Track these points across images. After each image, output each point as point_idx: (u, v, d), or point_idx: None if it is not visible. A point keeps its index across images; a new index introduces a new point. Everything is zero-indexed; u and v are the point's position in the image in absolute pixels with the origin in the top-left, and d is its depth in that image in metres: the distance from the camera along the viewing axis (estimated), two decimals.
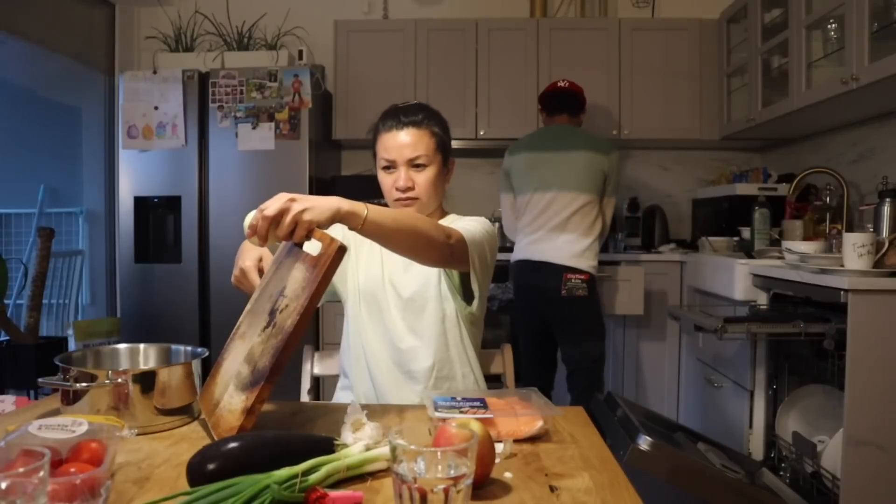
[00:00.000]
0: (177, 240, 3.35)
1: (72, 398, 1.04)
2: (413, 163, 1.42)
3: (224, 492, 0.75)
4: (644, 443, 1.56)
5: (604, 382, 2.86)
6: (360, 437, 0.92)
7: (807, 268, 2.05)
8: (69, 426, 0.81)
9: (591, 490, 0.84)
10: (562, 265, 2.66)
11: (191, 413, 1.12)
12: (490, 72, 3.53)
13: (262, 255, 1.24)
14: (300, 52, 3.50)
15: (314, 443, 0.91)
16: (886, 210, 2.21)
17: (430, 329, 1.42)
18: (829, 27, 2.53)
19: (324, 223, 1.03)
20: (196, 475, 0.81)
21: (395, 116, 1.44)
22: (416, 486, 0.70)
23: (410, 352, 1.42)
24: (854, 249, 1.88)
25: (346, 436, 0.93)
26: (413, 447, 0.72)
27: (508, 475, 0.88)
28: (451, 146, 1.52)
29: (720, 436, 2.30)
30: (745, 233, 2.95)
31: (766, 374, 2.33)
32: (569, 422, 1.13)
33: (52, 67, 3.77)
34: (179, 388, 1.09)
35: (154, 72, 3.29)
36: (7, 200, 4.18)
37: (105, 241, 3.80)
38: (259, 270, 1.22)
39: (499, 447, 0.94)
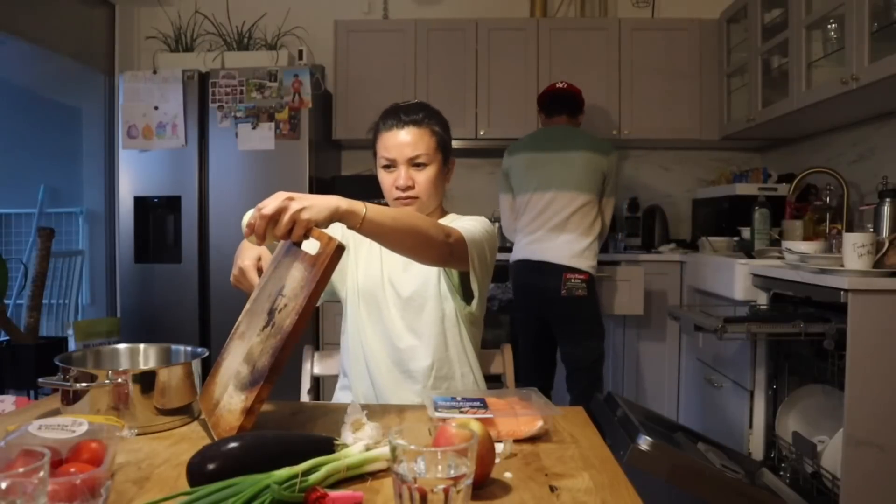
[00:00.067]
0: (177, 240, 3.35)
1: (72, 398, 1.04)
2: (413, 162, 1.42)
3: (224, 492, 0.75)
4: (644, 443, 1.56)
5: (603, 382, 2.86)
6: (360, 437, 0.92)
7: (807, 268, 2.05)
8: (69, 426, 0.81)
9: (591, 490, 0.84)
10: (561, 265, 2.66)
11: (191, 413, 1.12)
12: (490, 72, 3.53)
13: (261, 255, 1.24)
14: (300, 52, 3.50)
15: (314, 443, 0.91)
16: (886, 210, 2.22)
17: (430, 328, 1.42)
18: (829, 27, 2.53)
19: (322, 222, 1.02)
20: (196, 475, 0.81)
21: (396, 115, 1.44)
22: (416, 486, 0.70)
23: (409, 351, 1.42)
24: (854, 249, 1.88)
25: (346, 436, 0.93)
26: (413, 447, 0.72)
27: (508, 475, 0.88)
28: (452, 146, 1.52)
29: (720, 436, 2.30)
30: (745, 233, 2.95)
31: (766, 374, 2.33)
32: (569, 422, 1.12)
33: (52, 67, 3.78)
34: (179, 388, 1.09)
35: (154, 72, 3.29)
36: (7, 200, 4.18)
37: (105, 241, 3.80)
38: (258, 270, 1.21)
39: (499, 447, 0.93)
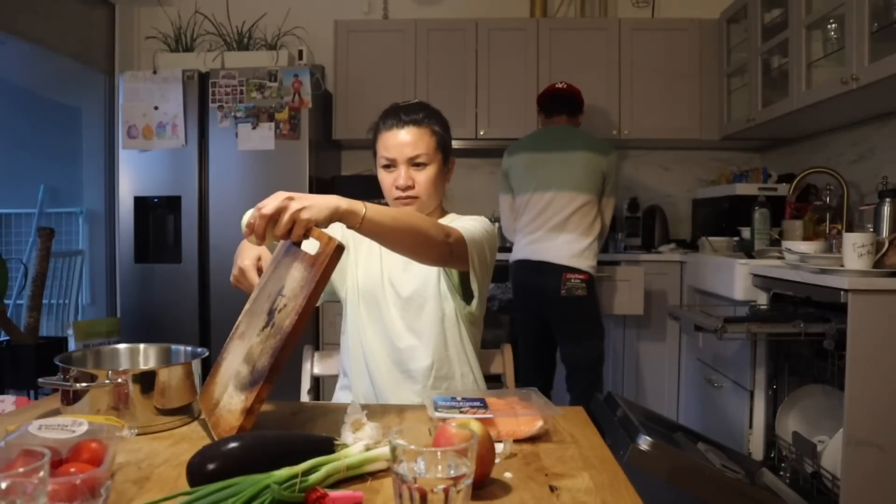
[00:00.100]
0: (177, 240, 3.35)
1: (72, 398, 1.04)
2: (413, 161, 1.42)
3: (224, 492, 0.75)
4: (644, 443, 1.56)
5: (603, 382, 2.86)
6: (360, 437, 0.92)
7: (807, 268, 2.05)
8: (69, 426, 0.81)
9: (591, 490, 0.84)
10: (561, 265, 2.66)
11: (191, 413, 1.12)
12: (490, 72, 3.53)
13: (261, 255, 1.24)
14: (300, 52, 3.50)
15: (314, 443, 0.91)
16: (886, 210, 2.22)
17: (429, 328, 1.42)
18: (829, 27, 2.53)
19: (322, 222, 1.02)
20: (196, 475, 0.81)
21: (396, 115, 1.44)
22: (416, 486, 0.70)
23: (409, 351, 1.42)
24: (854, 249, 1.88)
25: (346, 436, 0.93)
26: (413, 447, 0.72)
27: (508, 475, 0.88)
28: (452, 145, 1.52)
29: (720, 436, 2.29)
30: (745, 233, 2.95)
31: (766, 374, 2.33)
32: (569, 422, 1.12)
33: (52, 67, 3.78)
34: (179, 388, 1.09)
35: (154, 72, 3.29)
36: (7, 200, 4.18)
37: (105, 241, 3.80)
38: (258, 269, 1.21)
39: (499, 447, 0.93)
